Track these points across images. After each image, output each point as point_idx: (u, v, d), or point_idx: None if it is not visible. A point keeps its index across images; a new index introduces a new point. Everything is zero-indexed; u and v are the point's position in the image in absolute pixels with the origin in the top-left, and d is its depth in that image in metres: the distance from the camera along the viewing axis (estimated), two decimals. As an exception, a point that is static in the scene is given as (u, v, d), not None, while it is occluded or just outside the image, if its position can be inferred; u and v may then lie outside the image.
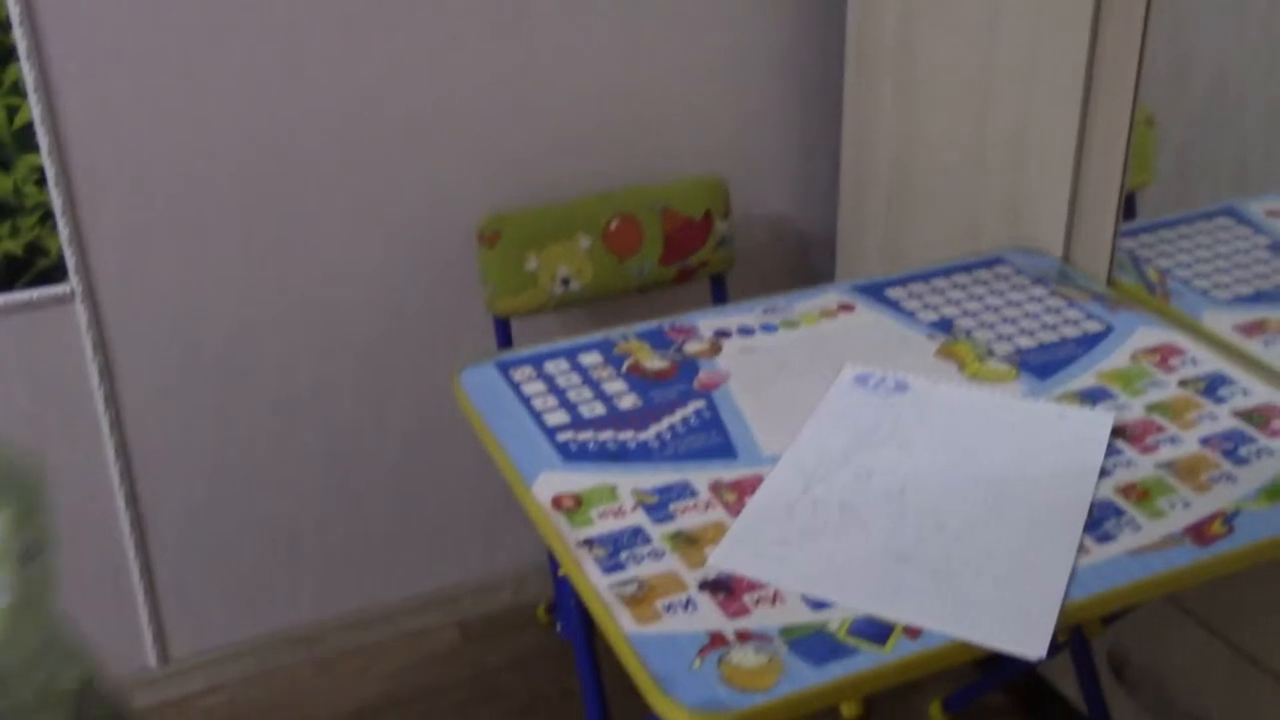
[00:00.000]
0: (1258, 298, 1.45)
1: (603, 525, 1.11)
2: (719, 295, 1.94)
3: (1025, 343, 1.38)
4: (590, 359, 1.37)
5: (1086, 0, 1.44)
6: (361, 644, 2.02)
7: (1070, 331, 1.40)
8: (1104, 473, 1.16)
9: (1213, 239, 1.59)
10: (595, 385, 1.32)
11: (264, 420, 1.84)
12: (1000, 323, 1.43)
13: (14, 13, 1.52)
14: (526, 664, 1.98)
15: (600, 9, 1.80)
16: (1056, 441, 1.21)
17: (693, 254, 1.87)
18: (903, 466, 1.19)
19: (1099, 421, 1.23)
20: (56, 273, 1.66)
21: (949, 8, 1.66)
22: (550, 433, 1.24)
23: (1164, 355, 1.35)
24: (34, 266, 1.65)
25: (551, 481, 1.17)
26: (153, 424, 1.78)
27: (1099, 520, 1.10)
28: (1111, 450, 1.20)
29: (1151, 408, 1.26)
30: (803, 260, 2.09)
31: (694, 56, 1.88)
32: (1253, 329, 1.40)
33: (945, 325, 1.42)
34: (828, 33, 1.94)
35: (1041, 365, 1.34)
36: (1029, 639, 0.98)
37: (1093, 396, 1.28)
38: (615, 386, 1.32)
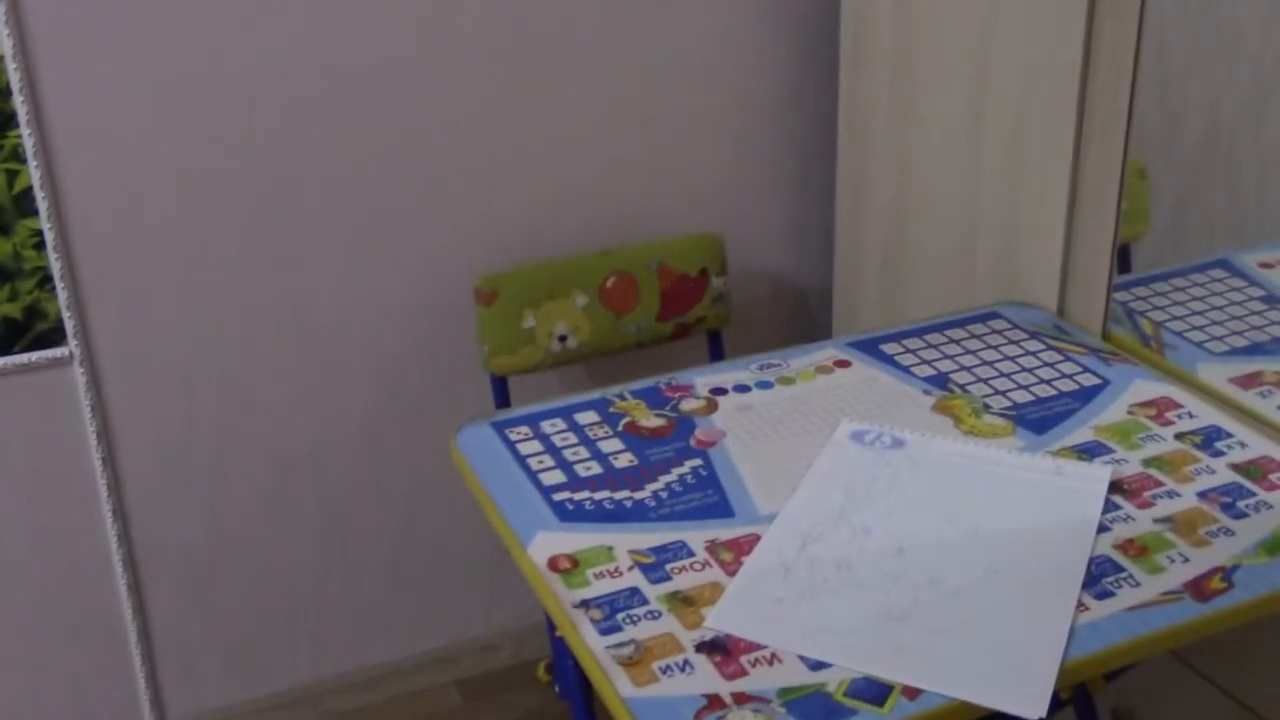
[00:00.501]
0: (1253, 350, 1.45)
1: (599, 586, 1.11)
2: (716, 351, 1.94)
3: (1021, 397, 1.38)
4: (586, 418, 1.37)
5: (1074, 55, 1.46)
6: (361, 704, 2.01)
7: (1066, 386, 1.40)
8: (1102, 528, 1.16)
9: (1207, 291, 1.59)
10: (592, 444, 1.32)
11: (261, 481, 1.84)
12: (996, 377, 1.43)
13: (14, 80, 1.54)
14: (526, 724, 1.97)
15: (596, 69, 1.82)
16: (1054, 497, 1.20)
17: (689, 310, 1.88)
18: (900, 524, 1.18)
19: (1096, 477, 1.23)
20: (55, 336, 1.67)
21: (939, 65, 1.68)
22: (546, 492, 1.24)
23: (1160, 409, 1.35)
24: (33, 329, 1.66)
25: (548, 542, 1.17)
26: (150, 486, 1.78)
27: (1097, 577, 1.10)
28: (1109, 506, 1.19)
29: (1148, 462, 1.26)
30: (800, 315, 2.10)
31: (689, 115, 1.90)
32: (1248, 381, 1.40)
33: (941, 380, 1.42)
34: (823, 89, 1.96)
35: (1038, 420, 1.34)
36: (1029, 698, 0.97)
37: (1089, 451, 1.28)
38: (612, 445, 1.32)
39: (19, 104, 1.55)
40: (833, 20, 1.92)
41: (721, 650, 1.03)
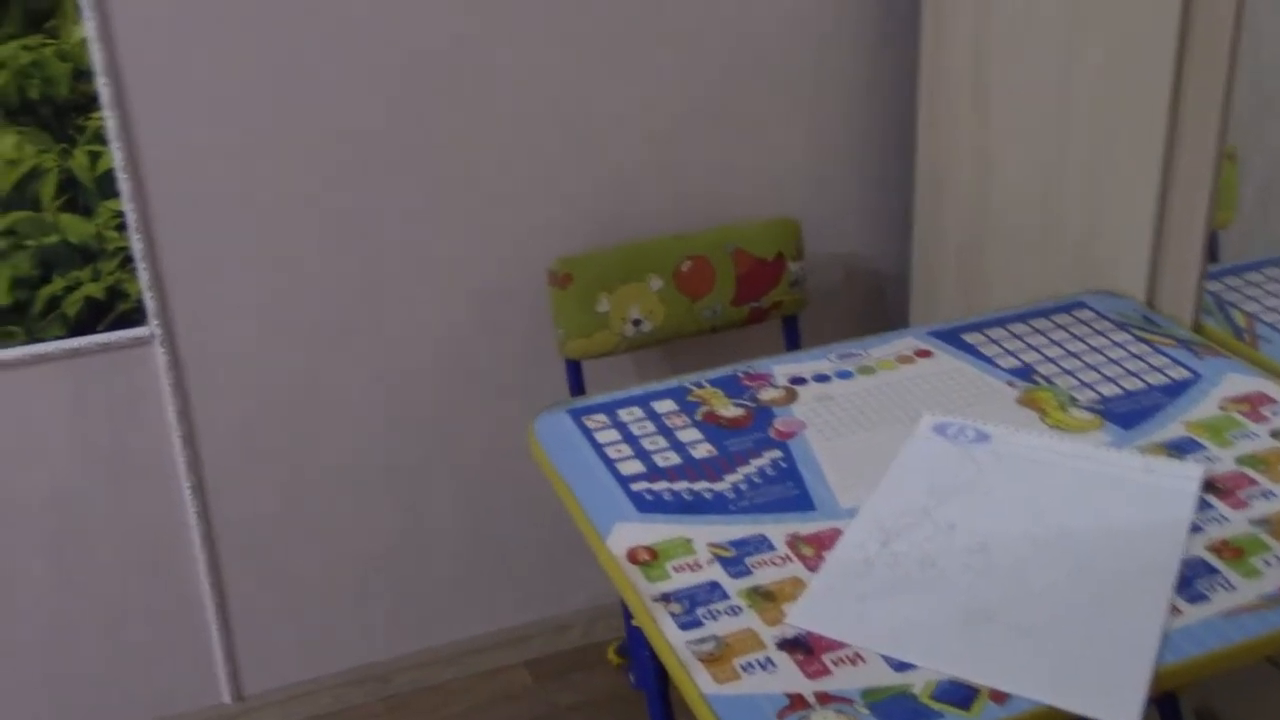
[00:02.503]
0: (1352, 344, 1.40)
1: (679, 579, 1.10)
2: (791, 336, 1.92)
3: (1109, 391, 1.35)
4: (664, 406, 1.36)
5: (1169, 34, 1.41)
6: (432, 683, 2.02)
7: (1155, 379, 1.37)
8: (1195, 529, 1.13)
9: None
10: (670, 433, 1.31)
11: (336, 460, 1.85)
12: (1082, 369, 1.40)
13: (97, 62, 1.55)
14: (597, 705, 1.97)
15: (674, 52, 1.79)
16: (1143, 496, 1.17)
17: (765, 295, 1.86)
18: (985, 520, 1.16)
19: (1188, 475, 1.19)
20: (136, 316, 1.69)
21: (1024, 45, 1.63)
22: (625, 482, 1.23)
23: (1254, 404, 1.31)
24: (114, 310, 1.68)
25: (626, 533, 1.16)
26: (228, 463, 1.80)
27: (1190, 579, 1.07)
28: (1202, 505, 1.16)
29: (1242, 460, 1.22)
30: (877, 301, 2.07)
31: (766, 99, 1.87)
32: (1347, 376, 1.35)
33: (1025, 372, 1.40)
34: (900, 72, 1.93)
35: (1126, 415, 1.30)
36: (1120, 705, 0.95)
37: (1180, 448, 1.24)
38: (690, 435, 1.31)
39: (101, 86, 1.57)
40: (913, 3, 1.88)
41: (804, 648, 1.02)
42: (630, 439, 1.30)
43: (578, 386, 1.82)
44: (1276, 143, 1.60)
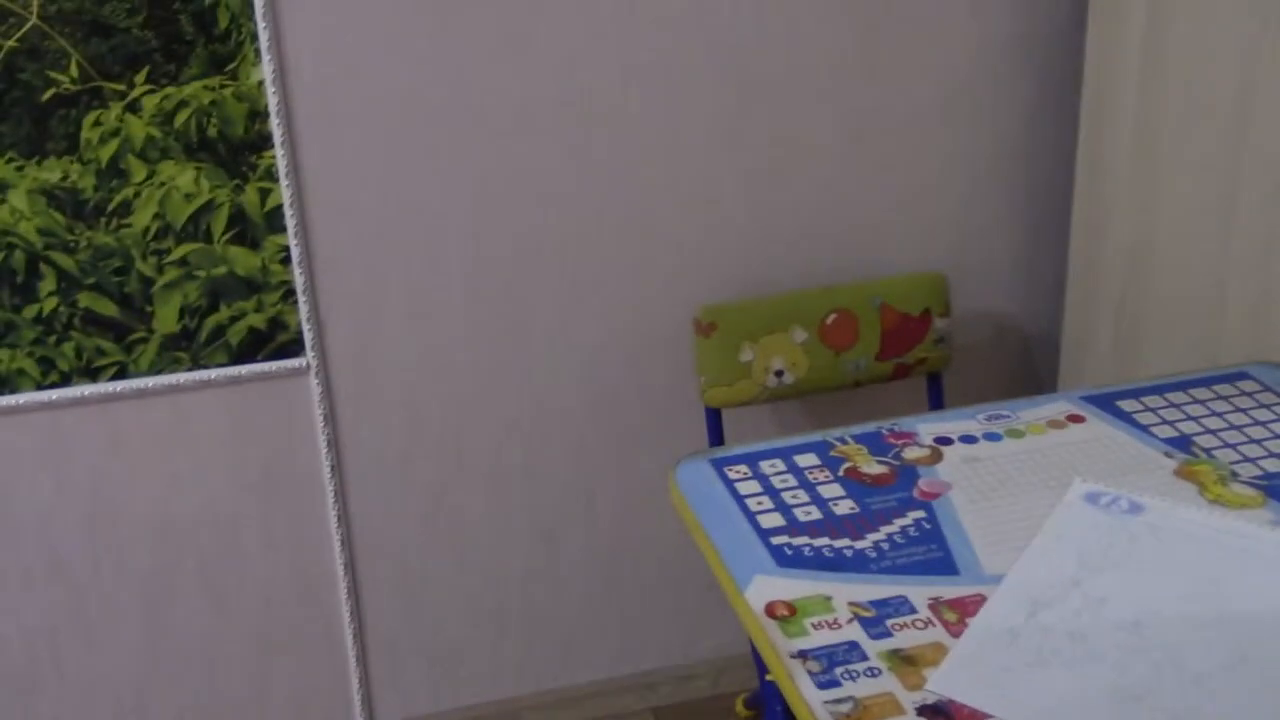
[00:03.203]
0: None
1: (818, 637, 1.09)
2: (935, 393, 1.90)
3: (1273, 466, 1.30)
4: (806, 460, 1.35)
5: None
6: (558, 723, 2.03)
7: (1324, 456, 1.31)
8: (1365, 617, 1.08)
9: None
10: (811, 488, 1.30)
11: (476, 497, 1.88)
12: (1245, 443, 1.34)
13: (272, 104, 1.62)
14: (721, 757, 1.95)
15: (829, 105, 1.80)
16: (1310, 579, 1.12)
17: (910, 351, 1.84)
18: (1137, 595, 1.12)
19: (1359, 560, 1.14)
20: (294, 347, 1.75)
21: (1191, 112, 1.59)
22: (765, 535, 1.23)
23: None
24: (274, 340, 1.74)
25: (765, 587, 1.15)
26: (374, 494, 1.84)
27: (1360, 670, 1.02)
28: (1373, 592, 1.10)
29: None
30: (1024, 361, 2.03)
31: (920, 153, 1.86)
32: None
33: (1184, 443, 1.35)
34: (1058, 134, 1.89)
35: (1292, 492, 1.25)
36: (1280, 799, 0.91)
37: (1351, 530, 1.19)
38: (832, 491, 1.29)
39: (274, 127, 1.64)
40: (1075, 63, 1.85)
41: (945, 715, 1.00)
42: (771, 491, 1.30)
43: (717, 436, 1.82)
44: None
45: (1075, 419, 1.41)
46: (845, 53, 1.78)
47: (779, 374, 1.80)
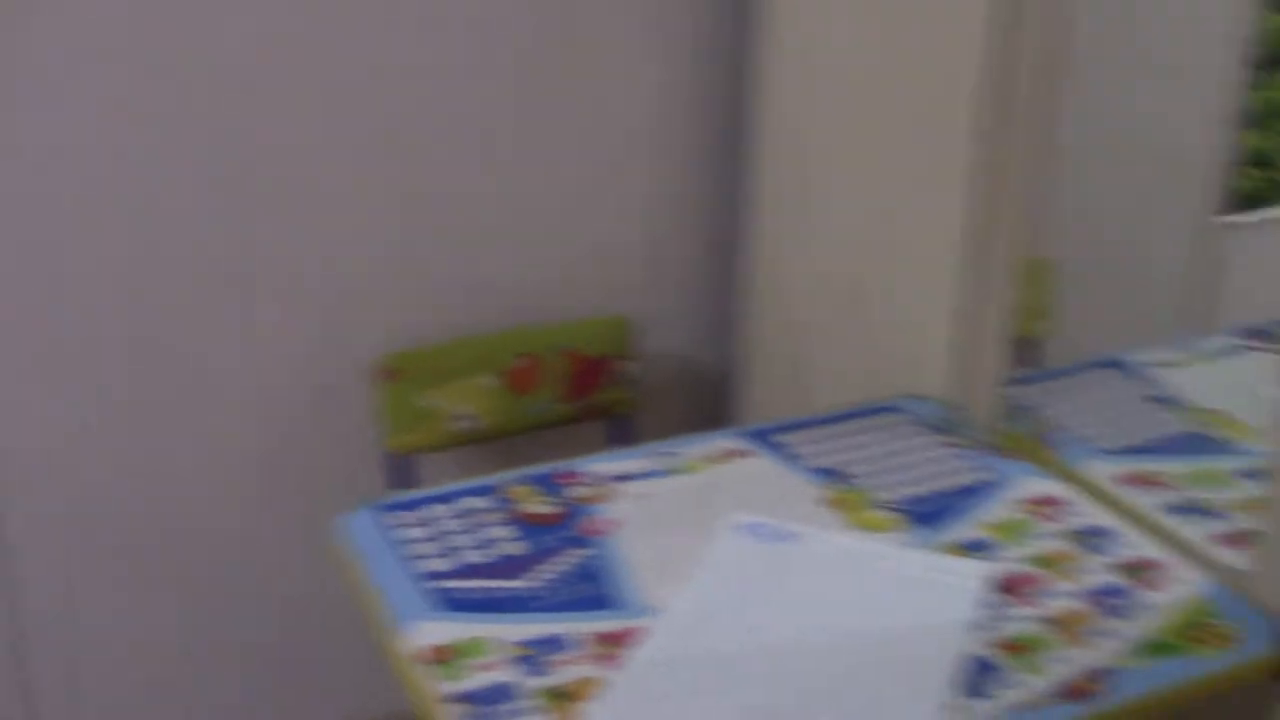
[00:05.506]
0: (1139, 449, 1.47)
1: (475, 680, 1.08)
2: (624, 436, 1.94)
3: (912, 492, 1.39)
4: (475, 504, 1.35)
5: (962, 153, 1.48)
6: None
7: (956, 481, 1.41)
8: (983, 627, 1.16)
9: (1100, 389, 1.62)
10: (476, 531, 1.30)
11: (142, 557, 1.79)
12: (888, 471, 1.43)
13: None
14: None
15: (507, 150, 1.82)
16: (929, 595, 1.20)
17: (596, 394, 1.87)
18: (784, 621, 1.18)
19: (972, 573, 1.23)
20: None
21: (840, 160, 1.70)
22: (427, 580, 1.22)
23: (1046, 506, 1.36)
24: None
25: (424, 632, 1.14)
26: (34, 567, 1.73)
27: (976, 677, 1.09)
28: (993, 604, 1.19)
29: (1032, 560, 1.26)
30: (712, 402, 2.10)
31: (600, 197, 1.90)
32: (1134, 480, 1.41)
33: (834, 473, 1.43)
34: (735, 181, 1.98)
35: (926, 515, 1.34)
36: (900, 804, 0.96)
37: (975, 548, 1.28)
38: (499, 533, 1.30)
39: None
40: (742, 116, 1.94)
41: (593, 749, 1.01)
42: (437, 536, 1.29)
43: (401, 484, 1.80)
44: (1089, 254, 1.69)
45: (737, 454, 1.47)
46: (524, 100, 1.80)
47: (464, 420, 1.79)
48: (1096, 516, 1.34)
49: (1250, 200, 1.66)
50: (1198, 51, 1.64)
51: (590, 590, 1.21)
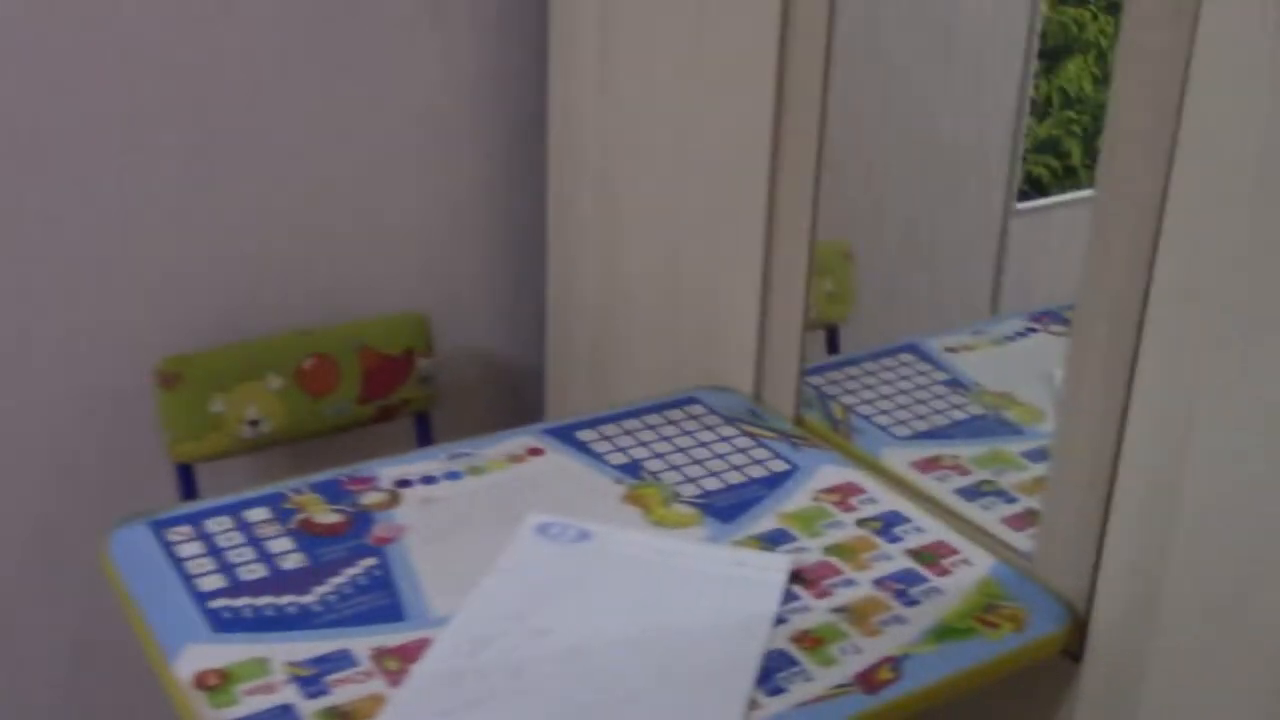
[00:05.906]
0: (933, 434, 1.49)
1: (249, 704, 1.02)
2: (425, 435, 1.88)
3: (711, 485, 1.37)
4: (256, 515, 1.28)
5: (763, 142, 1.48)
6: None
7: (756, 472, 1.40)
8: (781, 621, 1.15)
9: (895, 375, 1.63)
10: (258, 544, 1.23)
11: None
12: (688, 464, 1.42)
13: None
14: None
15: (295, 143, 1.74)
16: (732, 590, 1.19)
17: (393, 393, 1.81)
18: (580, 623, 1.14)
19: (775, 567, 1.22)
20: None
21: (643, 140, 1.68)
22: (201, 599, 1.14)
23: (844, 494, 1.36)
24: None
25: (197, 656, 1.07)
26: None
27: (771, 672, 1.08)
28: (789, 596, 1.19)
29: (829, 549, 1.26)
30: (514, 399, 2.06)
31: (394, 193, 1.84)
32: (928, 465, 1.43)
33: (634, 469, 1.40)
34: (533, 175, 1.94)
35: (726, 508, 1.33)
36: (693, 808, 0.94)
37: (774, 540, 1.27)
38: (280, 545, 1.23)
39: None
40: (543, 104, 1.90)
41: (375, 772, 0.96)
42: (214, 552, 1.21)
43: (190, 493, 1.71)
44: (888, 241, 1.71)
45: (535, 452, 1.43)
46: (314, 95, 1.73)
47: (254, 424, 1.71)
48: (892, 502, 1.35)
49: (1040, 187, 1.70)
50: (993, 41, 1.67)
51: (378, 602, 1.15)
